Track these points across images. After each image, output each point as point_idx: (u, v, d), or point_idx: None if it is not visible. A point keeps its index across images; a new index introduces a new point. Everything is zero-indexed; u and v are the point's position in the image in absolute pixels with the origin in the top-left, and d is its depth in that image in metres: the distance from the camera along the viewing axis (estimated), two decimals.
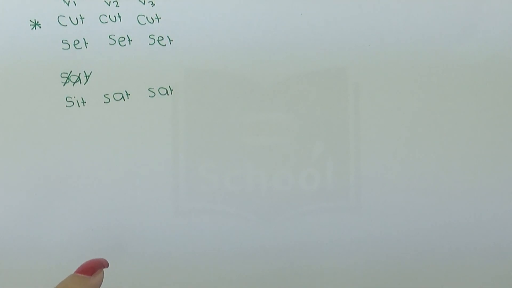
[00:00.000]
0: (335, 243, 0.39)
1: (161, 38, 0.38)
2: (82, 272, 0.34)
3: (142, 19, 0.38)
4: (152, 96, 0.38)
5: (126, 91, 0.38)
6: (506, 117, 0.39)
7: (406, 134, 0.39)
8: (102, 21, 0.37)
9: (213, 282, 0.39)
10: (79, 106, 0.38)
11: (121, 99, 0.38)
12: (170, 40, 0.38)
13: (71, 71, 0.37)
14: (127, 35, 0.38)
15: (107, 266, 0.36)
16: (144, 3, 0.38)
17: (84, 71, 0.38)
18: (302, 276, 0.39)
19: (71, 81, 0.38)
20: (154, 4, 0.38)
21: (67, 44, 0.37)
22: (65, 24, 0.37)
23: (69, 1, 0.37)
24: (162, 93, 0.38)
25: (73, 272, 0.35)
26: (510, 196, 0.39)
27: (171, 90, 0.38)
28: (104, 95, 0.38)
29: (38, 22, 0.37)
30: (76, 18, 0.37)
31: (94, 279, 0.34)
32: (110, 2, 0.38)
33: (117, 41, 0.38)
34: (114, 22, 0.37)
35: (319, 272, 0.39)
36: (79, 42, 0.37)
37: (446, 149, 0.39)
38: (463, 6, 0.39)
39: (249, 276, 0.39)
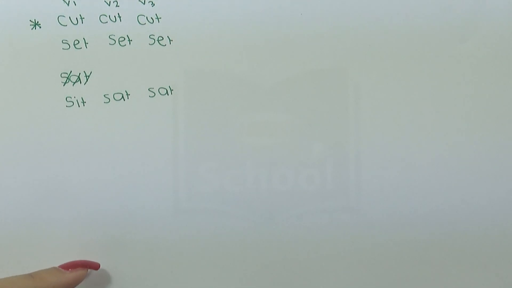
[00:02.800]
0: (335, 243, 0.39)
1: (161, 38, 0.38)
2: (62, 267, 0.34)
3: (142, 19, 0.38)
4: (152, 96, 0.38)
5: (126, 91, 0.38)
6: (508, 117, 0.39)
7: (407, 134, 0.39)
8: (102, 21, 0.37)
9: (212, 282, 0.39)
10: (79, 106, 0.38)
11: (121, 99, 0.38)
12: (170, 40, 0.38)
13: (71, 71, 0.38)
14: (127, 35, 0.38)
15: (97, 268, 0.36)
16: (144, 3, 0.38)
17: (84, 71, 0.38)
18: (302, 276, 0.39)
19: (71, 81, 0.38)
20: (154, 4, 0.38)
21: (67, 44, 0.37)
22: (65, 24, 0.37)
23: (69, 1, 0.37)
24: (162, 93, 0.38)
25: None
26: None
27: (171, 90, 0.38)
28: (104, 95, 0.38)
29: (38, 22, 0.37)
30: (76, 18, 0.37)
31: (71, 274, 0.34)
32: (110, 2, 0.38)
33: (117, 41, 0.38)
34: (114, 22, 0.37)
35: (319, 272, 0.39)
36: (79, 42, 0.37)
37: (447, 149, 0.39)
38: (463, 5, 0.39)
39: (248, 276, 0.39)
